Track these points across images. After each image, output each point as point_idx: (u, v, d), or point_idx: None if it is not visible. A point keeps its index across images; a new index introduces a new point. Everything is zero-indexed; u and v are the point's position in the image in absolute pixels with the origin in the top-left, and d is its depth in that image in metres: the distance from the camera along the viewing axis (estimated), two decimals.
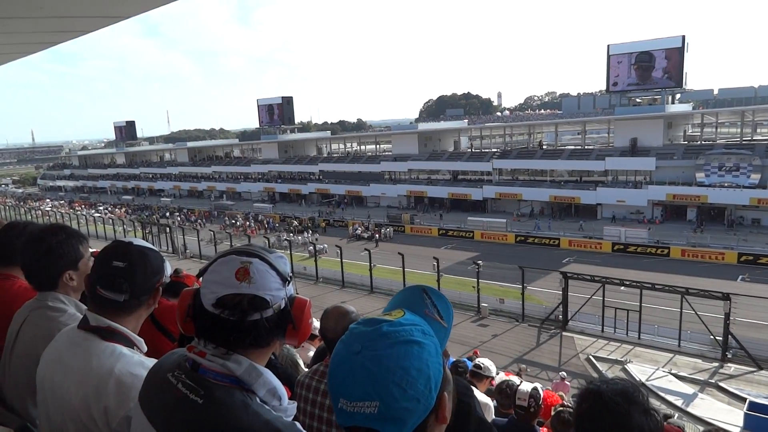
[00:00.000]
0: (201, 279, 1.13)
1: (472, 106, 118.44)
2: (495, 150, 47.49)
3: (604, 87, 43.41)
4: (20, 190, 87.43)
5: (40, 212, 53.61)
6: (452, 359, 5.70)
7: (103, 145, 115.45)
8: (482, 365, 4.64)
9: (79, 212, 54.50)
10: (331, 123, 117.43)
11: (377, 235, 37.42)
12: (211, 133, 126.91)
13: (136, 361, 1.42)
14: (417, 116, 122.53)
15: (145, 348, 1.54)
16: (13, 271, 2.14)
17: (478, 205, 43.70)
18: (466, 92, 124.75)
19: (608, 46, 40.83)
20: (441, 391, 0.83)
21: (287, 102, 62.07)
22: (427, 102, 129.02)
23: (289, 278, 1.13)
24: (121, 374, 1.38)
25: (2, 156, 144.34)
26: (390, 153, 53.72)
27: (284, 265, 1.14)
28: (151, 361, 1.34)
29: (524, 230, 35.99)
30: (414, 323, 0.85)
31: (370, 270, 25.83)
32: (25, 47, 7.37)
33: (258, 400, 1.05)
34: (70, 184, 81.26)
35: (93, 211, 56.61)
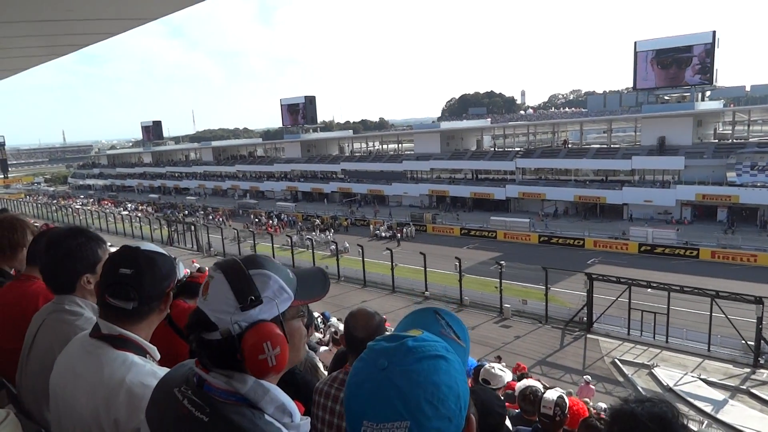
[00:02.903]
0: None
1: (495, 105, 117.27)
2: (518, 149, 47.03)
3: (630, 84, 42.54)
4: (52, 189, 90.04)
5: (70, 210, 55.23)
6: (474, 361, 5.60)
7: (130, 144, 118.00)
8: (491, 378, 4.58)
9: (107, 210, 55.85)
10: (353, 122, 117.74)
11: (399, 235, 37.46)
12: (235, 133, 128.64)
13: (148, 371, 1.40)
14: (439, 115, 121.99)
15: (157, 356, 1.52)
16: (36, 273, 2.16)
17: (500, 204, 43.35)
18: (489, 90, 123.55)
19: (635, 42, 39.96)
20: (468, 412, 0.80)
21: (310, 101, 62.52)
22: (449, 101, 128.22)
23: (256, 299, 1.01)
24: (132, 384, 1.36)
25: (35, 155, 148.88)
26: (412, 152, 53.68)
27: (263, 282, 1.03)
28: (164, 371, 1.33)
29: (540, 230, 35.58)
30: (436, 340, 0.82)
31: (392, 269, 25.91)
32: (55, 49, 7.66)
33: (267, 417, 1.00)
34: (99, 182, 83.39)
35: (120, 209, 58.01)
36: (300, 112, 62.27)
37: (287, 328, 1.05)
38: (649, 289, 18.83)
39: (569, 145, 45.62)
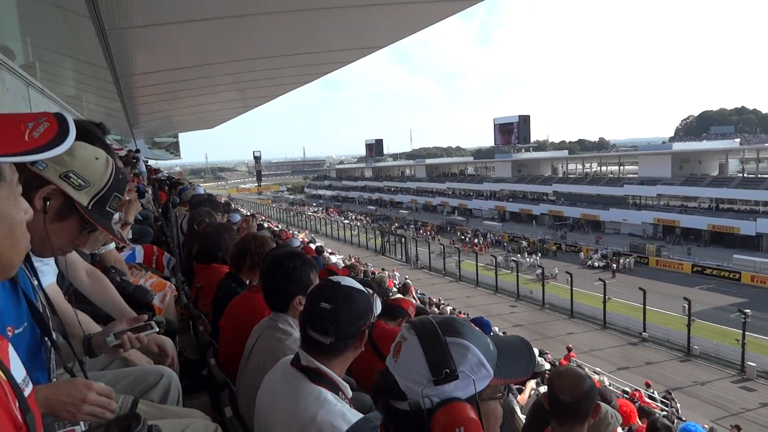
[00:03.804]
0: None
1: (746, 123, 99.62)
2: None
3: None
4: (291, 197, 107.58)
5: (303, 216, 65.66)
6: (699, 427, 4.84)
7: (355, 160, 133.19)
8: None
9: (332, 218, 64.54)
10: (569, 142, 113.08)
11: (615, 265, 35.48)
12: (448, 151, 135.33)
13: (338, 411, 1.42)
14: (671, 135, 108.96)
15: (349, 393, 1.54)
16: None
17: (747, 241, 37.47)
18: (739, 106, 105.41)
19: None
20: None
21: (524, 120, 62.93)
22: (685, 119, 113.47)
23: (451, 374, 0.92)
24: (323, 424, 1.39)
25: (281, 168, 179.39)
26: (636, 175, 49.77)
27: (461, 354, 0.94)
28: (353, 413, 1.42)
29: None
30: None
31: (604, 302, 24.60)
32: (304, 77, 9.59)
33: None
34: (328, 193, 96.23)
35: (342, 217, 66.56)
36: (513, 131, 63.09)
37: (483, 410, 0.94)
38: None
39: None
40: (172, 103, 11.06)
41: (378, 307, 1.62)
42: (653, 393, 15.81)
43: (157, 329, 1.55)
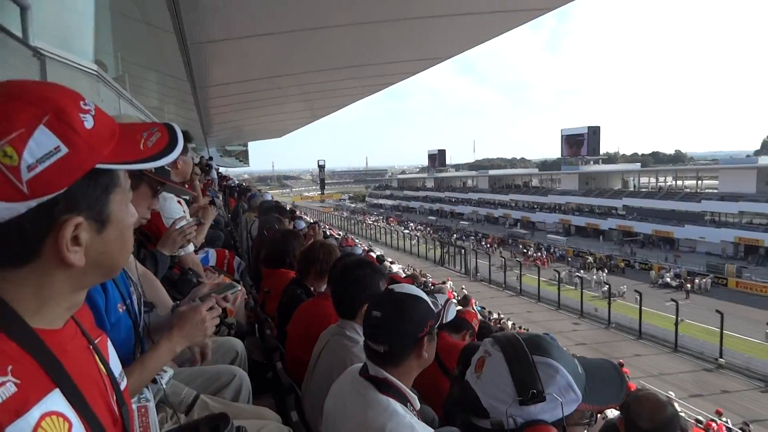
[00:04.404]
0: None
1: None
2: None
3: None
4: (353, 205, 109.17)
5: (364, 225, 66.45)
6: None
7: (417, 170, 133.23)
8: None
9: (392, 228, 64.83)
10: (642, 154, 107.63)
11: (689, 285, 33.35)
12: (512, 162, 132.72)
13: (407, 424, 1.41)
14: (757, 148, 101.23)
15: (417, 405, 1.54)
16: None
17: None
18: None
19: None
20: None
21: (593, 132, 60.72)
22: None
23: (538, 395, 0.90)
24: None
25: (344, 177, 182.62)
26: (715, 191, 46.71)
27: (549, 375, 0.91)
28: (421, 426, 1.41)
29: None
30: None
31: (676, 324, 23.10)
32: (368, 89, 9.86)
33: None
34: (389, 202, 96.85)
35: (402, 227, 66.72)
36: (581, 142, 61.06)
37: None
38: None
39: None
40: (243, 113, 11.57)
41: (451, 313, 1.58)
42: (727, 422, 14.67)
43: (240, 288, 1.63)
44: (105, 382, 0.83)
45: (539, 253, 45.86)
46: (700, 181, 51.11)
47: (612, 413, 5.02)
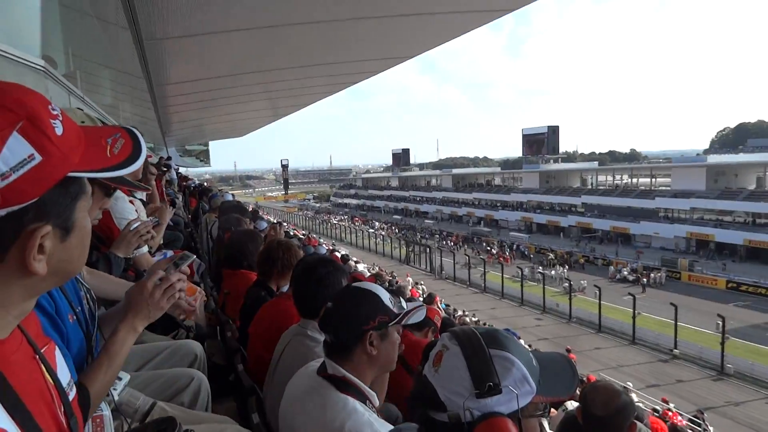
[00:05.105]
0: None
1: None
2: None
3: None
4: (317, 205, 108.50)
5: (328, 224, 66.12)
6: None
7: (382, 169, 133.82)
8: None
9: (357, 227, 64.82)
10: (599, 153, 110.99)
11: (645, 280, 34.63)
12: (475, 161, 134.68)
13: (366, 421, 1.40)
14: (706, 147, 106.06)
15: (377, 403, 1.53)
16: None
17: None
18: None
19: None
20: None
21: (552, 131, 62.31)
22: (721, 130, 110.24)
23: (494, 387, 0.90)
24: None
25: (308, 176, 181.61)
26: (668, 188, 48.70)
27: (505, 368, 0.93)
28: (381, 424, 1.41)
29: None
30: None
31: (633, 318, 24.01)
32: (333, 87, 9.82)
33: None
34: (354, 202, 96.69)
35: (368, 227, 66.76)
36: (542, 142, 62.51)
37: (524, 426, 0.92)
38: None
39: None
40: (204, 111, 11.33)
41: (415, 318, 1.58)
42: (677, 409, 15.31)
43: (194, 257, 1.58)
44: (52, 392, 0.80)
45: (502, 251, 46.62)
46: (654, 179, 53.11)
47: (572, 404, 5.16)
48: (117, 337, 1.28)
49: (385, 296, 1.57)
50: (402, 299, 1.65)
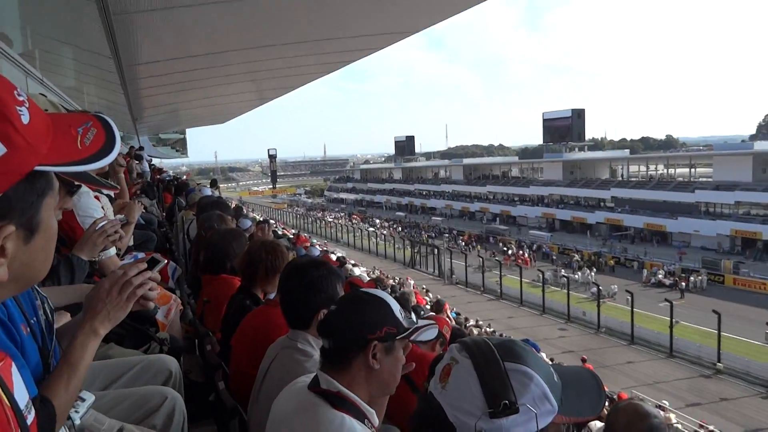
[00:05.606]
0: None
1: None
2: None
3: None
4: (310, 200, 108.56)
5: (323, 223, 66.05)
6: None
7: (383, 159, 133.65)
8: None
9: (355, 225, 64.60)
10: (631, 140, 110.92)
11: (684, 284, 34.59)
12: (489, 150, 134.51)
13: None
14: (753, 132, 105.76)
15: (376, 421, 1.55)
16: None
17: None
18: None
19: None
20: None
21: (578, 115, 62.16)
22: None
23: (510, 406, 0.89)
24: None
25: (299, 168, 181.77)
26: (710, 179, 48.53)
27: (523, 384, 0.91)
28: None
29: None
30: None
31: (671, 327, 23.79)
32: (327, 66, 9.71)
33: None
34: (351, 197, 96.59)
35: (367, 225, 66.69)
36: (565, 127, 62.37)
37: None
38: None
39: None
40: (180, 95, 11.31)
41: (425, 336, 1.58)
42: None
43: (165, 261, 1.59)
44: (8, 414, 0.78)
45: (521, 252, 46.50)
46: (693, 170, 52.88)
47: (597, 425, 5.18)
48: (76, 343, 1.27)
49: (396, 307, 1.57)
50: (413, 315, 1.65)
